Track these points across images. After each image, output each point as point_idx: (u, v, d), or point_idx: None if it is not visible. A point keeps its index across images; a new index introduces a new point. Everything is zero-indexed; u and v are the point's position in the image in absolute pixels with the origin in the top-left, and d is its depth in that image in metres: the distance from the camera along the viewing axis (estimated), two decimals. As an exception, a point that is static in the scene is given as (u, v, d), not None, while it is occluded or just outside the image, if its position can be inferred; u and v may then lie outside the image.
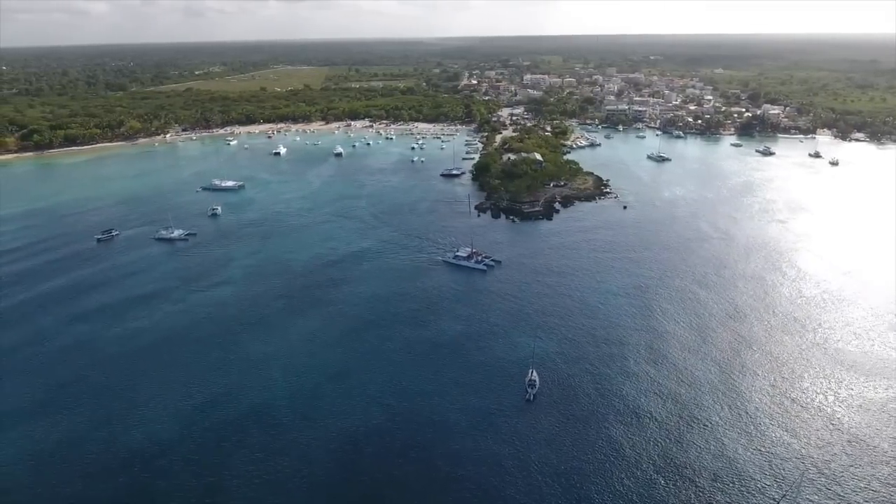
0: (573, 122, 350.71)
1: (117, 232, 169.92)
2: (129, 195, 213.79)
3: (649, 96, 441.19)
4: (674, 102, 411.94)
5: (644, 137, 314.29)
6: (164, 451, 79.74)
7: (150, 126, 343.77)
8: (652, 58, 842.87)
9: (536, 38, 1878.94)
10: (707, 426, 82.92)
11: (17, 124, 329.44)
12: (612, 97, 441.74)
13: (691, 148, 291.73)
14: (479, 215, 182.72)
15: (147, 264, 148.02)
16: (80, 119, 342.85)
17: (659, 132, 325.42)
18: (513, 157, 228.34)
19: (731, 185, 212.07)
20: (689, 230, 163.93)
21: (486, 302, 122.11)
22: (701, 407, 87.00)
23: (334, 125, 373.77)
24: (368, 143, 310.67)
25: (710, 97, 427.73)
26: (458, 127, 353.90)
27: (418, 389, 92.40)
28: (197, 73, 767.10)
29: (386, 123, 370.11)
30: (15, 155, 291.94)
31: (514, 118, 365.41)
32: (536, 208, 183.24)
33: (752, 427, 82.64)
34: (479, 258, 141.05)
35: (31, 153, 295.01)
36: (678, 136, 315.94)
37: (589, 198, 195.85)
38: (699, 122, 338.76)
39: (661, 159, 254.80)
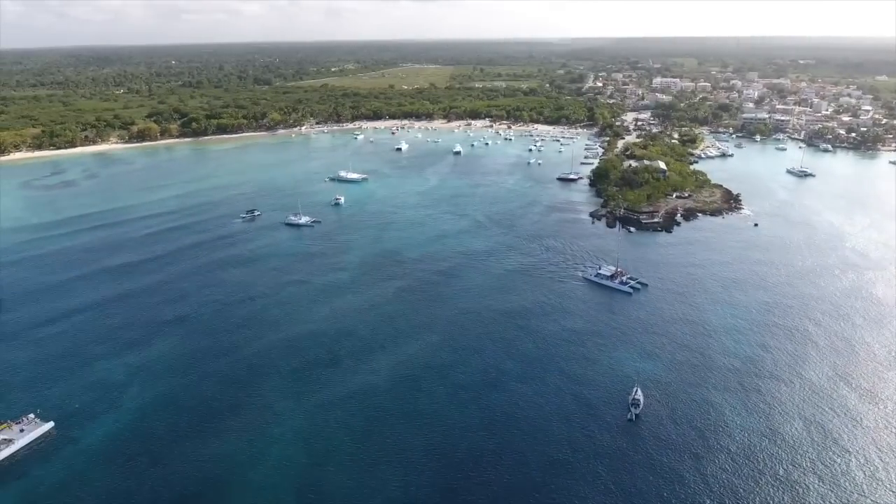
0: (704, 130, 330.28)
1: (259, 213, 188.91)
2: (266, 181, 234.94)
3: (794, 104, 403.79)
4: (823, 112, 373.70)
5: (785, 150, 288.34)
6: (278, 420, 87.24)
7: (289, 118, 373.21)
8: (801, 62, 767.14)
9: (670, 40, 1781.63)
10: (832, 485, 75.59)
11: (179, 112, 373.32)
12: (751, 104, 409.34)
13: (840, 163, 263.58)
14: (593, 222, 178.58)
15: (276, 245, 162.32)
16: (230, 110, 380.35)
17: (802, 144, 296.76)
18: (634, 164, 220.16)
19: (888, 209, 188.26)
20: (832, 256, 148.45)
21: (628, 328, 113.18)
22: (827, 463, 79.35)
23: (455, 123, 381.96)
24: (487, 143, 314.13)
25: (868, 107, 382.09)
26: (579, 130, 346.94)
27: (519, 393, 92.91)
28: (333, 70, 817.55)
29: (507, 125, 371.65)
30: (176, 140, 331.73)
31: (640, 123, 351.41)
32: (655, 219, 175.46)
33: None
34: (625, 279, 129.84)
35: (189, 139, 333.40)
36: (825, 150, 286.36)
37: (715, 212, 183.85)
38: (853, 135, 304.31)
39: (802, 174, 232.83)
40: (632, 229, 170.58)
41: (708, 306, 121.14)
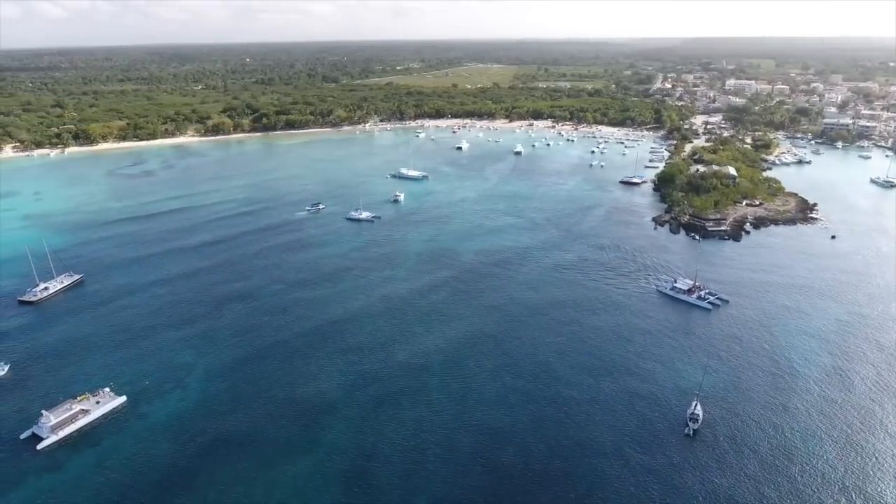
0: (780, 135, 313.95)
1: (323, 206, 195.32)
2: (330, 176, 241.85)
3: (882, 110, 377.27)
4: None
5: (869, 158, 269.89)
6: (332, 409, 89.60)
7: (354, 116, 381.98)
8: (892, 64, 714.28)
9: (747, 40, 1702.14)
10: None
11: (251, 108, 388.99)
12: (833, 109, 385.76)
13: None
14: (655, 228, 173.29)
15: (337, 238, 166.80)
16: (299, 106, 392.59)
17: (890, 152, 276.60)
18: (702, 169, 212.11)
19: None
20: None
21: (694, 341, 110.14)
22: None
23: (517, 123, 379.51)
24: (548, 144, 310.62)
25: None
26: (645, 133, 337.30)
27: (572, 398, 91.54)
28: (398, 68, 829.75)
29: (571, 125, 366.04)
30: (248, 134, 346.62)
31: (710, 127, 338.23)
32: (722, 227, 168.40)
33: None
34: (703, 293, 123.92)
35: (259, 133, 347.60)
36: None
37: (788, 221, 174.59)
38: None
39: (888, 185, 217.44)
40: (696, 237, 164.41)
41: (780, 322, 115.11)
